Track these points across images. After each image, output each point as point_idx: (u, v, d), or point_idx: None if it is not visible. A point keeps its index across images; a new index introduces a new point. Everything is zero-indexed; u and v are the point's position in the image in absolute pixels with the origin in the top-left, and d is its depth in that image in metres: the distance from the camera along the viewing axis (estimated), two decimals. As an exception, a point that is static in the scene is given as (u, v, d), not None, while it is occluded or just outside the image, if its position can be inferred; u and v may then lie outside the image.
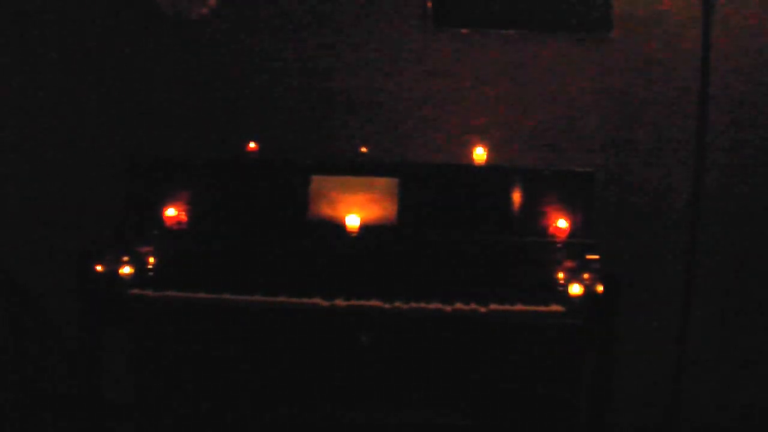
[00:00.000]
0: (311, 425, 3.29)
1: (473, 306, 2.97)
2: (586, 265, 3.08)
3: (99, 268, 3.05)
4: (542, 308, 2.98)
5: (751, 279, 3.77)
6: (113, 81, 3.86)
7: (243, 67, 3.84)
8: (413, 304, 2.98)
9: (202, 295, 3.05)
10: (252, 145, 3.65)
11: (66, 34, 3.85)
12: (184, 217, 3.31)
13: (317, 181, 3.28)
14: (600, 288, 2.95)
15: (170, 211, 3.29)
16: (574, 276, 3.06)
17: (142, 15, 3.81)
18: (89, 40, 3.85)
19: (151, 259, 3.18)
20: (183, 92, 3.84)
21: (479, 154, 3.54)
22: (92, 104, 3.87)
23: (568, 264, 3.11)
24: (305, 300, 3.00)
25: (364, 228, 3.18)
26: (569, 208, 3.26)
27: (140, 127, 3.83)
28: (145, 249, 3.18)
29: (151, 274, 3.16)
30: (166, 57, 3.85)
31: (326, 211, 3.24)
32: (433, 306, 2.97)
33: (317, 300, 3.00)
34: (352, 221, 3.18)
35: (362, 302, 2.99)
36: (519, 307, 2.99)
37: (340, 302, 2.99)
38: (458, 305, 2.98)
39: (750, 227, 3.76)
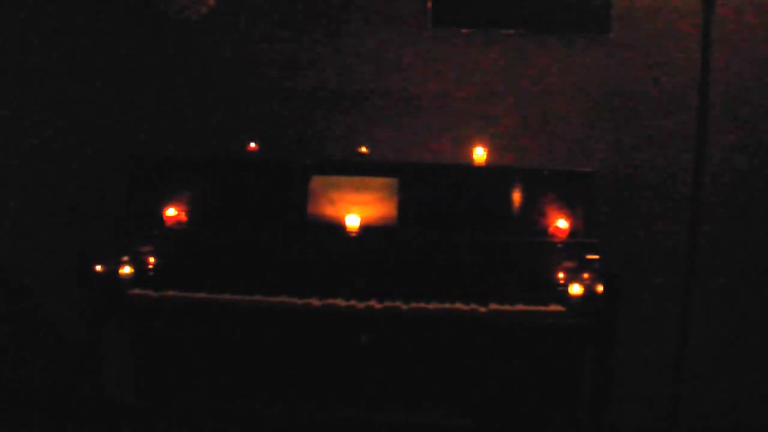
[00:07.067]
0: (311, 424, 3.29)
1: (473, 306, 2.97)
2: (586, 265, 3.08)
3: (99, 268, 3.05)
4: (542, 308, 2.98)
5: (751, 279, 3.77)
6: (113, 81, 3.86)
7: (243, 68, 3.84)
8: (413, 304, 2.97)
9: (202, 295, 3.05)
10: (252, 145, 3.66)
11: (65, 35, 3.85)
12: (184, 217, 3.31)
13: (317, 181, 3.28)
14: (600, 288, 2.95)
15: (170, 211, 3.29)
16: (574, 276, 3.06)
17: (142, 15, 3.81)
18: (89, 40, 3.85)
19: (151, 259, 3.18)
20: (183, 92, 3.84)
21: (479, 154, 3.54)
22: (92, 104, 3.87)
23: (568, 264, 3.11)
24: (305, 300, 3.00)
25: (364, 228, 3.18)
26: (569, 208, 3.26)
27: (140, 127, 3.83)
28: (145, 249, 3.18)
29: (151, 274, 3.16)
30: (165, 57, 3.85)
31: (326, 211, 3.24)
32: (432, 306, 2.97)
33: (317, 300, 3.00)
34: (352, 221, 3.18)
35: (362, 302, 2.99)
36: (519, 307, 2.99)
37: (339, 302, 2.99)
38: (458, 305, 2.98)
39: (750, 227, 3.76)
